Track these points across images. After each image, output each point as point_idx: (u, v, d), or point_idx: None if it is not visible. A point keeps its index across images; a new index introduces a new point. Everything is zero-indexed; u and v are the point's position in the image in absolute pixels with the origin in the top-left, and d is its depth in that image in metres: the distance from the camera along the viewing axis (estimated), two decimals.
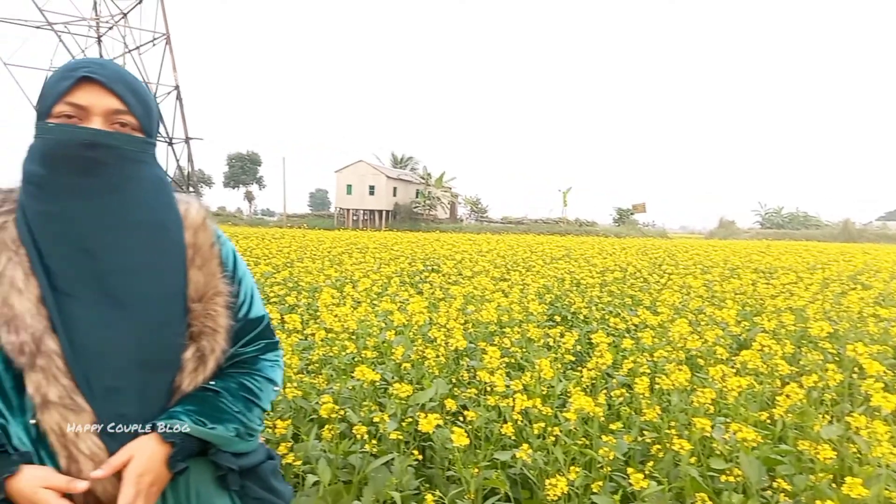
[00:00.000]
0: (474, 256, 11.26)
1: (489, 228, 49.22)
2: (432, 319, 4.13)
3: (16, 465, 1.03)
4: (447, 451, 2.71)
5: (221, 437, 1.18)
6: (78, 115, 1.12)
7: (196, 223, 1.25)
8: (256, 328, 1.32)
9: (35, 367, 1.04)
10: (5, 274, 1.07)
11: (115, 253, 1.12)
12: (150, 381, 1.14)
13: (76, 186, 1.11)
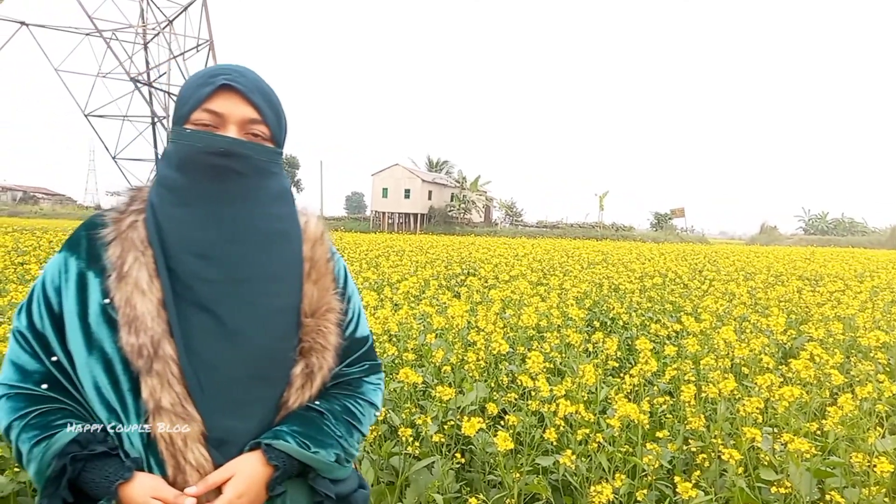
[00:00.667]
0: (510, 260, 11.23)
1: (524, 232, 48.97)
2: (471, 323, 4.13)
3: (129, 472, 1.03)
4: (488, 455, 2.71)
5: (322, 462, 1.14)
6: (214, 122, 1.12)
7: (314, 237, 1.24)
8: (362, 348, 1.29)
9: (151, 372, 1.04)
10: (131, 274, 1.07)
11: (238, 263, 1.11)
12: (259, 394, 1.12)
13: (207, 193, 1.11)
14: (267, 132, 1.16)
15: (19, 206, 63.05)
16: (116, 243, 1.10)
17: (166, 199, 1.13)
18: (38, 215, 54.72)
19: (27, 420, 1.07)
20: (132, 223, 1.12)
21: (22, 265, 7.00)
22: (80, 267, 1.11)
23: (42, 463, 1.04)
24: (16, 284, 4.67)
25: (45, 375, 1.10)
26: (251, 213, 1.13)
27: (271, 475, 1.09)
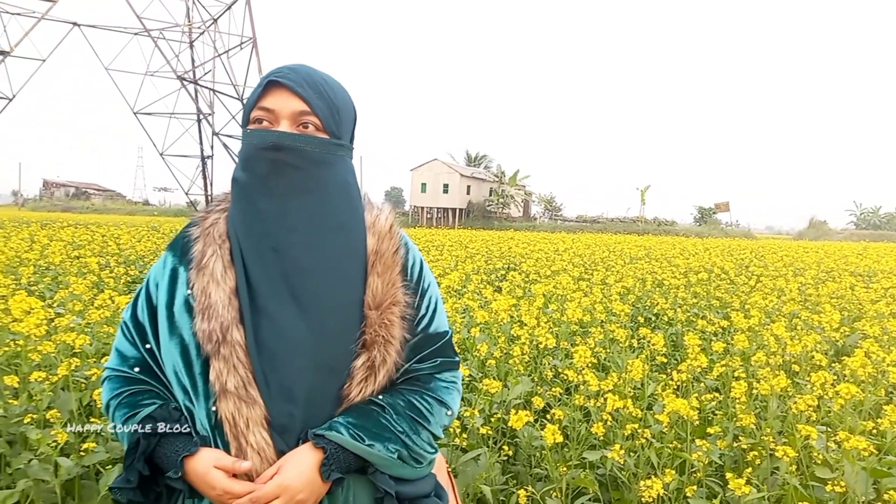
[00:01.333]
0: (551, 255, 11.16)
1: (564, 227, 48.56)
2: (514, 317, 4.14)
3: (195, 447, 1.09)
4: (534, 448, 2.72)
5: (378, 455, 1.13)
6: (268, 118, 1.16)
7: (382, 230, 1.25)
8: (435, 344, 1.26)
9: (219, 356, 1.09)
10: (208, 266, 1.14)
11: (302, 254, 1.14)
12: (320, 385, 1.14)
13: (266, 187, 1.15)
14: (318, 123, 1.17)
15: (72, 202, 65.39)
16: (200, 239, 1.19)
17: (237, 197, 1.19)
18: (89, 210, 56.63)
19: (120, 399, 1.18)
20: (215, 220, 1.21)
21: (78, 258, 7.27)
22: (174, 262, 1.20)
23: (130, 438, 1.13)
24: (75, 277, 4.86)
25: (139, 361, 1.20)
26: (308, 206, 1.16)
27: (321, 460, 1.10)
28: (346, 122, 1.24)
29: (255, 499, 1.05)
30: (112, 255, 7.70)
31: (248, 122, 1.18)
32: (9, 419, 2.53)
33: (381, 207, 1.31)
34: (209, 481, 1.07)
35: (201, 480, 1.08)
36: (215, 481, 1.06)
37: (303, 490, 1.07)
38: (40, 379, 2.52)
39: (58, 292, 4.62)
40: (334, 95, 1.21)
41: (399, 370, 1.21)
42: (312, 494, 1.09)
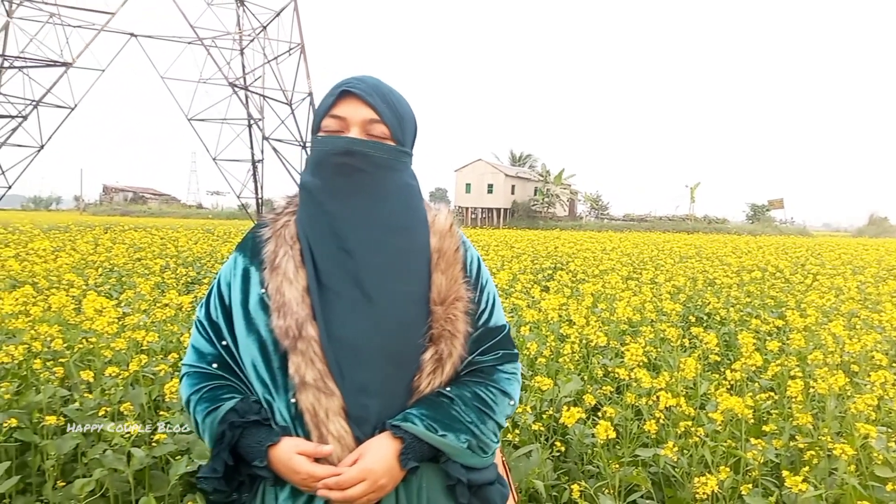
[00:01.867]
0: (598, 255, 11.07)
1: (610, 226, 47.89)
2: (562, 317, 4.15)
3: (277, 437, 1.16)
4: (585, 446, 2.74)
5: (451, 445, 1.19)
6: (339, 126, 1.24)
7: (443, 229, 1.31)
8: (496, 337, 1.31)
9: (296, 351, 1.16)
10: (281, 266, 1.21)
11: (369, 253, 1.21)
12: (391, 377, 1.20)
13: (336, 190, 1.22)
14: (386, 131, 1.25)
15: (130, 206, 67.89)
16: (272, 240, 1.26)
17: (306, 200, 1.26)
18: (146, 214, 58.71)
19: (201, 394, 1.25)
20: (285, 223, 1.28)
21: (139, 260, 7.58)
22: (245, 263, 1.28)
23: (211, 430, 1.21)
24: (140, 278, 5.08)
25: (216, 357, 1.27)
26: (376, 208, 1.23)
27: (400, 449, 1.16)
28: (409, 131, 1.32)
29: (341, 481, 1.11)
30: (171, 257, 8.00)
31: (319, 128, 1.27)
32: (84, 412, 2.69)
33: (438, 208, 1.37)
34: (293, 466, 1.13)
35: (285, 466, 1.14)
36: (299, 466, 1.13)
37: (384, 476, 1.14)
38: (114, 374, 2.67)
39: (123, 292, 4.85)
40: (399, 106, 1.29)
41: (463, 363, 1.26)
42: (392, 480, 1.16)
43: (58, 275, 5.52)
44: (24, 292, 3.78)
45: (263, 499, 1.22)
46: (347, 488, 1.12)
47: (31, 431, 2.63)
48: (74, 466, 2.68)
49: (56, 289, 4.55)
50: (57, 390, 2.77)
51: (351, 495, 1.12)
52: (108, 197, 78.93)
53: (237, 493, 1.23)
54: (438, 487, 1.23)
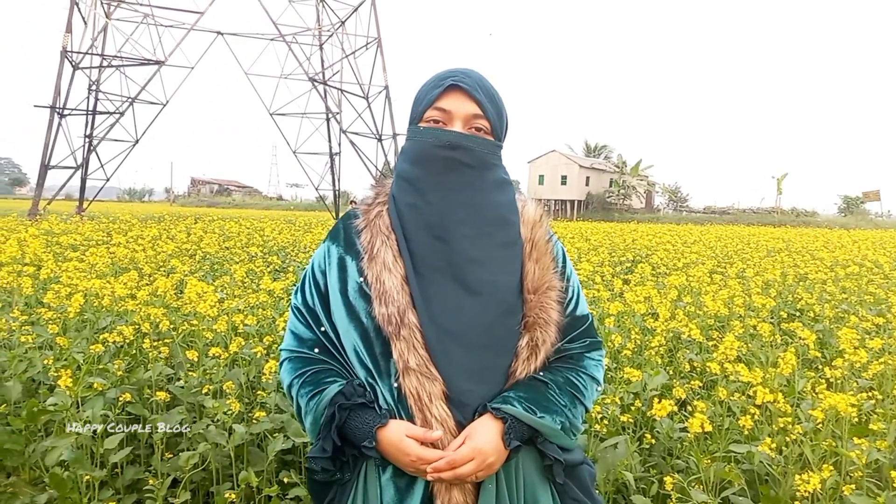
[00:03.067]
0: (679, 248, 10.75)
1: (690, 219, 46.26)
2: (647, 309, 4.07)
3: (385, 419, 1.21)
4: (673, 440, 2.69)
5: (548, 427, 1.23)
6: (443, 119, 1.28)
7: (533, 219, 1.35)
8: (582, 325, 1.36)
9: (399, 337, 1.20)
10: (379, 255, 1.26)
11: (467, 244, 1.25)
12: (490, 362, 1.24)
13: (438, 183, 1.26)
14: (488, 126, 1.28)
15: (216, 198, 71.14)
16: (367, 230, 1.30)
17: (404, 190, 1.30)
18: (230, 205, 61.38)
19: (304, 378, 1.30)
20: (378, 213, 1.32)
21: (227, 249, 7.94)
22: (340, 252, 1.32)
23: (316, 413, 1.26)
24: (236, 265, 5.33)
25: (316, 342, 1.33)
26: (476, 200, 1.27)
27: (503, 429, 1.19)
28: (505, 125, 1.35)
29: (452, 461, 1.16)
30: (257, 246, 8.34)
31: (420, 118, 1.30)
32: (188, 389, 2.86)
33: (525, 199, 1.40)
34: (403, 448, 1.18)
35: (395, 448, 1.19)
36: (409, 448, 1.17)
37: (492, 454, 1.18)
38: (217, 354, 2.83)
39: (216, 279, 5.10)
40: (499, 101, 1.32)
41: (553, 349, 1.30)
42: (499, 459, 1.20)
43: (156, 262, 5.87)
44: (130, 277, 4.04)
45: (366, 479, 1.27)
46: (457, 467, 1.16)
47: (142, 406, 2.83)
48: (179, 440, 2.86)
49: (159, 274, 4.85)
50: (163, 369, 2.96)
51: (461, 473, 1.16)
52: (196, 189, 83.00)
53: (340, 473, 1.28)
54: (533, 467, 1.27)
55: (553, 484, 1.28)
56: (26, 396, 3.04)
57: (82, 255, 5.99)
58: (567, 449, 1.28)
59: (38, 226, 10.15)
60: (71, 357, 2.96)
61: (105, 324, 3.53)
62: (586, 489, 1.33)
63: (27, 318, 3.48)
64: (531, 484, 1.26)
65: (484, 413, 1.21)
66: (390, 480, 1.23)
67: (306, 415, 1.29)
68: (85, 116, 23.07)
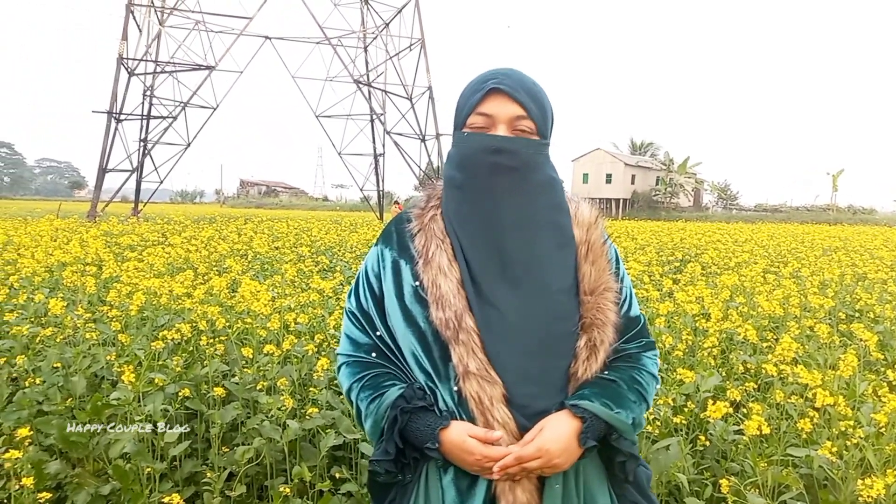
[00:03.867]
0: (729, 247, 10.49)
1: (740, 217, 45.08)
2: (699, 310, 3.99)
3: (447, 420, 1.22)
4: (727, 442, 2.64)
5: (624, 422, 1.23)
6: (486, 123, 1.27)
7: (588, 221, 1.34)
8: (636, 326, 1.36)
9: (458, 341, 1.20)
10: (434, 259, 1.26)
11: (518, 247, 1.25)
12: (549, 365, 1.24)
13: (485, 187, 1.26)
14: (533, 126, 1.27)
15: (264, 199, 72.81)
16: (421, 234, 1.31)
17: (452, 197, 1.31)
18: (278, 206, 62.69)
19: (363, 382, 1.31)
20: (432, 216, 1.32)
21: (276, 249, 8.11)
22: (394, 256, 1.33)
23: (377, 416, 1.27)
24: (287, 265, 5.45)
25: (372, 346, 1.34)
26: (525, 203, 1.26)
27: (580, 428, 1.19)
28: (550, 123, 1.33)
29: (518, 457, 1.16)
30: (306, 246, 8.49)
31: (464, 124, 1.29)
32: (243, 385, 2.94)
33: (578, 200, 1.39)
34: (467, 448, 1.18)
35: (458, 448, 1.20)
36: (473, 448, 1.18)
37: (560, 455, 1.17)
38: (271, 352, 2.90)
39: (267, 278, 5.22)
40: (543, 99, 1.30)
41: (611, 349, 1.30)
42: (568, 460, 1.19)
43: (209, 261, 6.03)
44: (186, 276, 4.18)
45: (427, 480, 1.28)
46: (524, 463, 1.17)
47: (199, 401, 2.92)
48: (234, 435, 2.94)
49: (212, 273, 4.99)
50: (219, 365, 3.05)
51: (528, 468, 1.17)
52: (245, 190, 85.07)
53: (402, 475, 1.29)
54: (593, 469, 1.27)
55: (611, 485, 1.28)
56: (90, 391, 3.17)
57: (139, 255, 6.22)
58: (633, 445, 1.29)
59: (98, 227, 10.56)
60: (132, 353, 3.08)
61: (163, 321, 3.65)
62: (643, 490, 1.32)
63: (90, 316, 3.63)
64: (590, 484, 1.26)
65: (561, 409, 1.21)
66: (452, 482, 1.24)
67: (366, 418, 1.30)
68: (140, 121, 23.90)
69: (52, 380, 3.23)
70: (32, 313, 3.86)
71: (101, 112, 22.17)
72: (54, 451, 3.12)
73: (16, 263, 5.11)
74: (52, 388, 3.22)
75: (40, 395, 3.24)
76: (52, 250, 5.68)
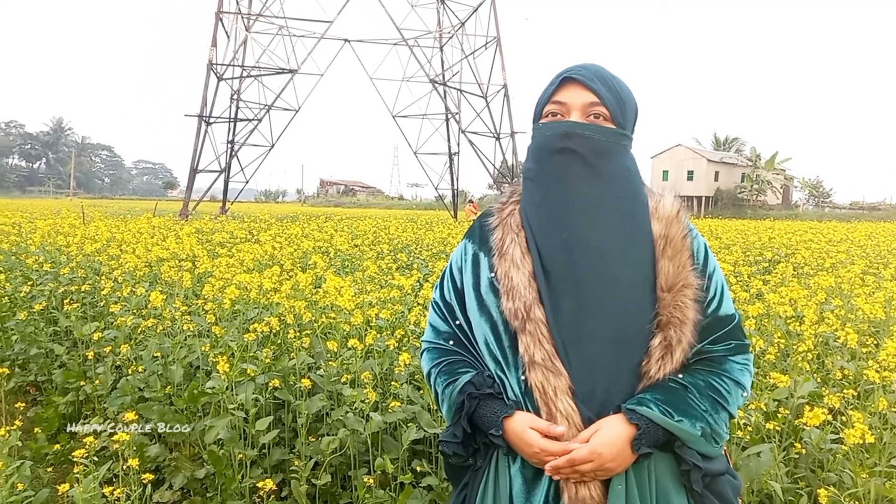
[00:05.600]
0: (823, 246, 9.93)
1: (833, 215, 42.57)
2: (792, 312, 3.81)
3: (511, 409, 1.25)
4: (822, 451, 2.51)
5: (686, 432, 1.18)
6: (560, 111, 1.29)
7: (669, 215, 1.31)
8: (726, 326, 1.29)
9: (525, 331, 1.22)
10: (508, 252, 1.29)
11: (590, 238, 1.24)
12: (618, 360, 1.22)
13: (556, 175, 1.28)
14: (607, 113, 1.26)
15: (342, 198, 74.79)
16: (499, 228, 1.34)
17: (528, 188, 1.33)
18: (355, 205, 64.23)
19: (440, 368, 1.38)
20: (511, 211, 1.36)
21: (356, 246, 8.30)
22: (474, 249, 1.38)
23: (450, 400, 1.33)
24: (368, 261, 5.58)
25: (451, 335, 1.40)
26: (595, 190, 1.26)
27: (634, 434, 1.17)
28: (630, 115, 1.32)
29: (570, 460, 1.16)
30: (385, 244, 8.66)
31: (541, 116, 1.32)
32: (328, 377, 3.04)
33: (661, 193, 1.36)
34: (526, 440, 1.20)
35: (519, 439, 1.22)
36: (532, 440, 1.19)
37: (613, 459, 1.16)
38: (355, 346, 2.98)
39: (348, 275, 5.36)
40: (621, 89, 1.30)
41: (692, 351, 1.25)
42: (621, 465, 1.18)
43: (294, 258, 6.25)
44: (273, 272, 4.35)
45: (497, 467, 1.31)
46: (576, 465, 1.16)
47: (287, 392, 3.04)
48: (319, 425, 3.04)
49: (296, 269, 5.17)
50: (305, 358, 3.16)
51: (580, 471, 1.17)
52: (324, 190, 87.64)
53: (472, 459, 1.34)
54: (668, 474, 1.23)
55: (689, 492, 1.23)
56: (187, 380, 3.36)
57: (229, 251, 6.51)
58: (708, 457, 1.23)
59: (190, 225, 11.14)
60: (225, 345, 3.24)
61: (252, 315, 3.82)
62: (727, 502, 1.26)
63: (187, 309, 3.84)
64: (664, 489, 1.22)
65: (617, 412, 1.19)
66: (519, 471, 1.26)
67: (442, 402, 1.37)
68: (227, 124, 24.99)
69: (152, 368, 3.45)
70: (134, 305, 4.11)
71: (193, 116, 23.36)
72: (153, 436, 3.33)
73: (119, 259, 5.46)
74: (152, 375, 3.43)
75: (141, 383, 3.47)
76: (151, 246, 6.03)
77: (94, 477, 2.31)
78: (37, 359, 4.51)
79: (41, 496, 2.63)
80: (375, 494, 2.58)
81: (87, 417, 3.87)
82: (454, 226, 15.16)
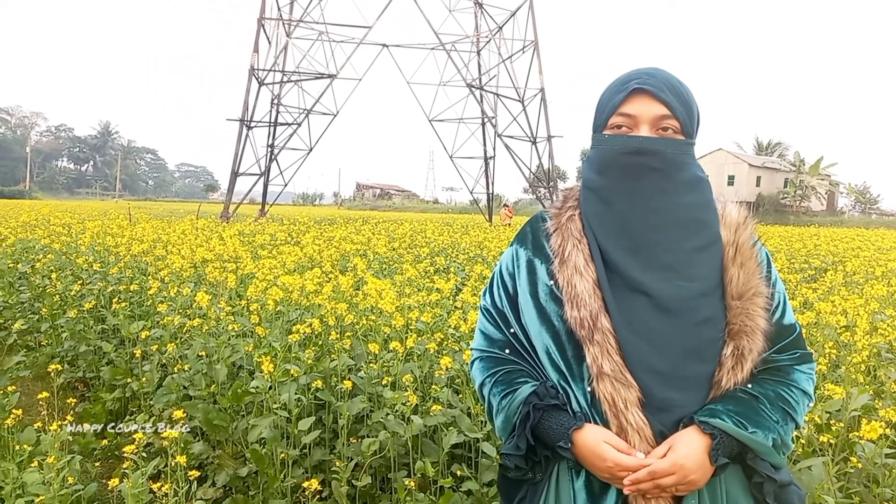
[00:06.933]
0: (873, 254, 9.62)
1: (881, 222, 41.23)
2: (844, 322, 3.69)
3: (581, 422, 1.20)
4: (877, 466, 2.43)
5: (760, 443, 1.16)
6: (628, 124, 1.23)
7: (736, 222, 1.28)
8: (790, 336, 1.27)
9: (593, 341, 1.18)
10: (571, 259, 1.25)
11: (659, 250, 1.21)
12: (690, 371, 1.19)
13: (626, 190, 1.23)
14: (677, 125, 1.22)
15: (378, 201, 75.36)
16: (557, 234, 1.30)
17: (590, 199, 1.29)
18: (391, 208, 64.68)
19: (496, 378, 1.32)
20: (570, 217, 1.31)
21: (394, 250, 8.34)
22: (528, 255, 1.33)
23: (509, 411, 1.27)
24: (408, 264, 5.60)
25: (506, 343, 1.35)
26: (668, 205, 1.22)
27: (710, 445, 1.13)
28: (696, 121, 1.28)
29: (652, 472, 1.12)
30: (421, 247, 8.69)
31: (605, 126, 1.26)
32: (368, 379, 3.05)
33: (725, 200, 1.32)
34: (601, 453, 1.16)
35: (591, 452, 1.17)
36: (607, 454, 1.15)
37: (696, 471, 1.13)
38: (396, 348, 2.99)
39: (387, 277, 5.38)
40: (688, 98, 1.26)
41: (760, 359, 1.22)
42: (703, 477, 1.15)
43: (333, 260, 6.31)
44: (314, 273, 4.39)
45: (558, 481, 1.26)
46: (657, 478, 1.13)
47: (328, 393, 3.06)
48: (359, 427, 3.05)
49: (336, 272, 5.22)
50: (346, 360, 3.18)
51: (662, 484, 1.13)
52: (360, 193, 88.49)
53: (532, 473, 1.28)
54: (739, 486, 1.21)
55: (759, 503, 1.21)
56: (230, 379, 3.42)
57: (270, 252, 6.61)
58: (776, 467, 1.21)
59: (232, 227, 11.34)
60: (268, 345, 3.28)
61: (294, 316, 3.86)
62: None
63: (231, 309, 3.91)
64: (735, 501, 1.20)
65: (690, 425, 1.16)
66: (584, 485, 1.22)
67: (498, 413, 1.29)
68: (268, 128, 25.41)
69: (196, 367, 3.51)
70: (180, 305, 4.20)
71: (234, 120, 23.81)
72: (197, 433, 3.39)
73: (165, 259, 5.58)
74: (197, 374, 3.50)
75: (186, 381, 3.54)
76: (196, 248, 6.15)
77: (142, 472, 2.36)
78: (85, 356, 4.65)
79: (90, 490, 2.71)
80: (416, 497, 2.57)
81: (132, 414, 3.97)
82: (489, 230, 15.12)
